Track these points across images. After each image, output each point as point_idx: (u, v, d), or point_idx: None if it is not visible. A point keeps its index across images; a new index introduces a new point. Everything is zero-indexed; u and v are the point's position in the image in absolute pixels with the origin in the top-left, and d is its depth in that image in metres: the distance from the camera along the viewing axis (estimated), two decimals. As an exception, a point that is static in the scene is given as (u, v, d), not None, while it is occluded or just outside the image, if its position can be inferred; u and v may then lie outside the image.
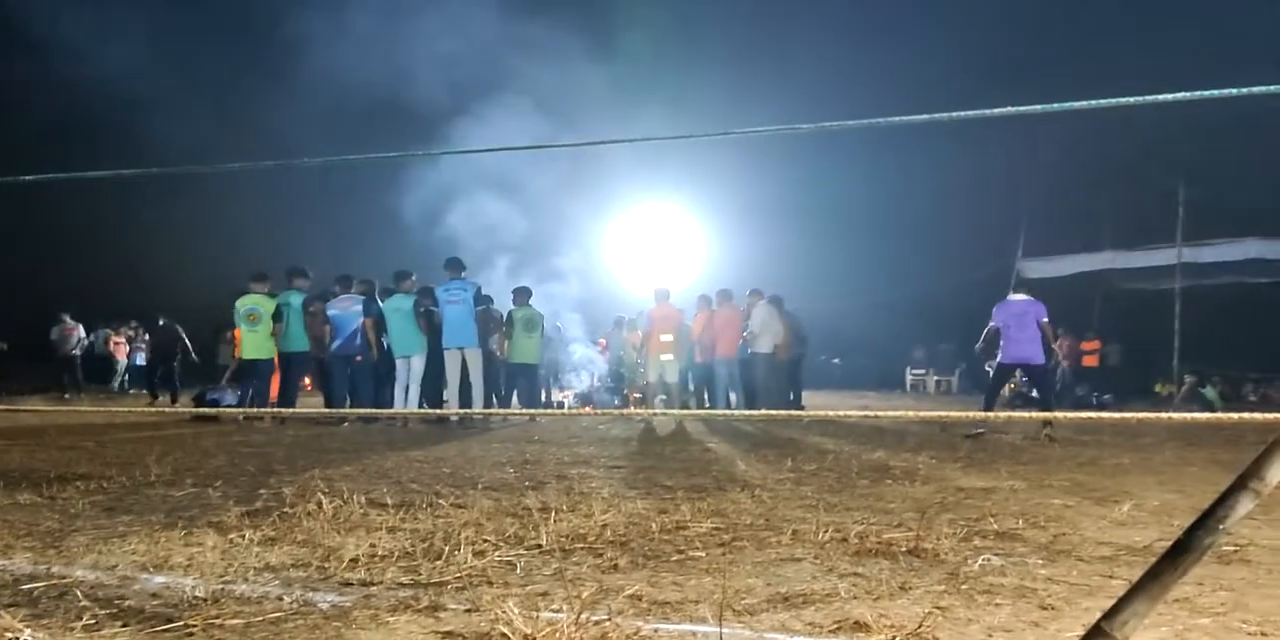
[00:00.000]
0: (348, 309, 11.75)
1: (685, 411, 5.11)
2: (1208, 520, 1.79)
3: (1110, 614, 1.81)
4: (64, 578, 3.30)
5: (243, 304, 11.43)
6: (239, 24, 22.88)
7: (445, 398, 11.90)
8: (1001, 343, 10.58)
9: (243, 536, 3.96)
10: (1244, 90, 1.87)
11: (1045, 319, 10.37)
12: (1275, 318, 20.48)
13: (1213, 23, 21.51)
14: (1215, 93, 1.90)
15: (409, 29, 19.96)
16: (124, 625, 2.74)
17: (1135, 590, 1.80)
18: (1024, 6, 24.85)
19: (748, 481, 5.96)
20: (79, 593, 3.07)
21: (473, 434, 10.08)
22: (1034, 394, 12.41)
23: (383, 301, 11.84)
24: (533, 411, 7.60)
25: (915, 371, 25.18)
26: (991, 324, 10.63)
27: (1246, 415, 1.77)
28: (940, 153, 22.96)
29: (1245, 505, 1.79)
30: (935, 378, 24.71)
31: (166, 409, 8.51)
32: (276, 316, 11.33)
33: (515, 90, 18.73)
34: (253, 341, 11.43)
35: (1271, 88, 1.80)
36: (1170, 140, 20.82)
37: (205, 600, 3.00)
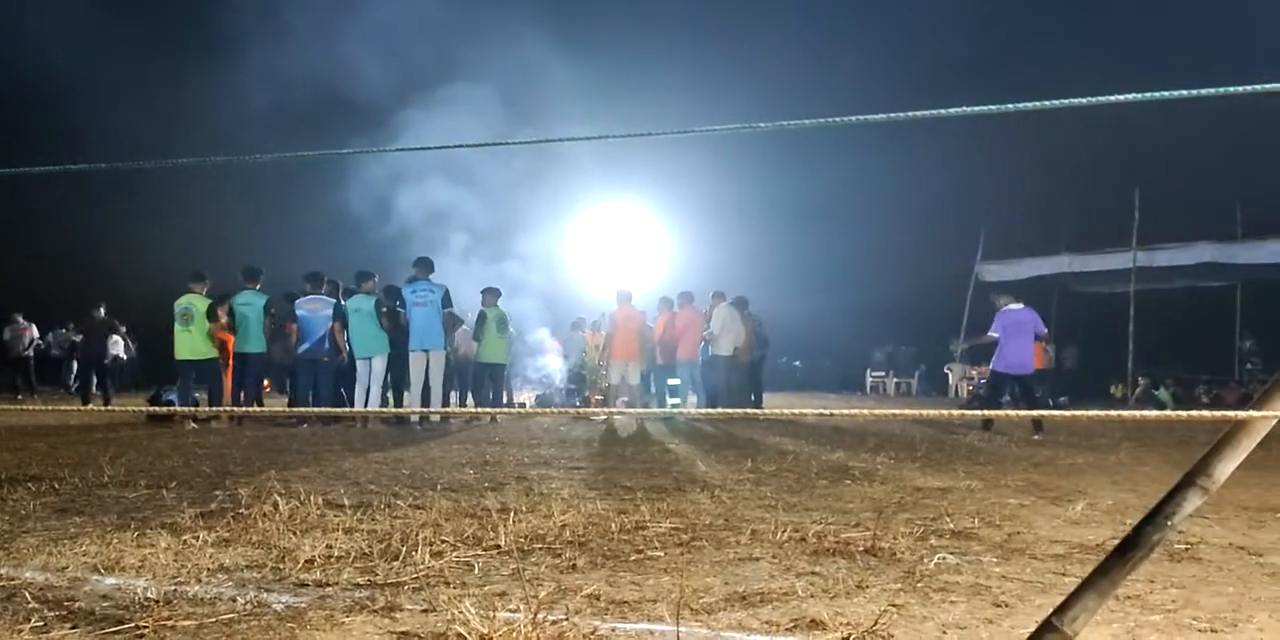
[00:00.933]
0: (317, 311, 11.62)
1: (645, 410, 5.09)
2: (1156, 517, 1.82)
3: (1061, 609, 1.83)
4: (13, 579, 3.24)
5: (178, 304, 11.24)
6: (181, 15, 22.46)
7: (406, 400, 11.83)
8: (997, 351, 10.82)
9: (196, 538, 3.91)
10: (1242, 89, 1.89)
11: (1044, 330, 10.93)
12: (1227, 320, 20.87)
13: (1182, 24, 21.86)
14: (1216, 90, 1.92)
15: (360, 19, 19.67)
16: (73, 627, 2.70)
17: (1085, 586, 1.83)
18: (995, 7, 25.16)
19: (707, 482, 5.97)
20: (28, 594, 3.02)
21: (432, 435, 10.02)
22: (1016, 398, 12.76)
23: (344, 301, 11.73)
24: (491, 410, 7.57)
25: (875, 373, 25.35)
26: (992, 333, 10.93)
27: (1195, 413, 1.80)
28: (902, 156, 23.17)
29: (1193, 502, 1.81)
30: (895, 380, 24.89)
31: (117, 409, 8.32)
32: (212, 316, 11.11)
33: (475, 85, 18.62)
34: (185, 341, 11.19)
35: (1269, 86, 1.82)
36: (1126, 146, 21.15)
37: (157, 601, 2.96)
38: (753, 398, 14.35)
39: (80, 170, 2.43)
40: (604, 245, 20.70)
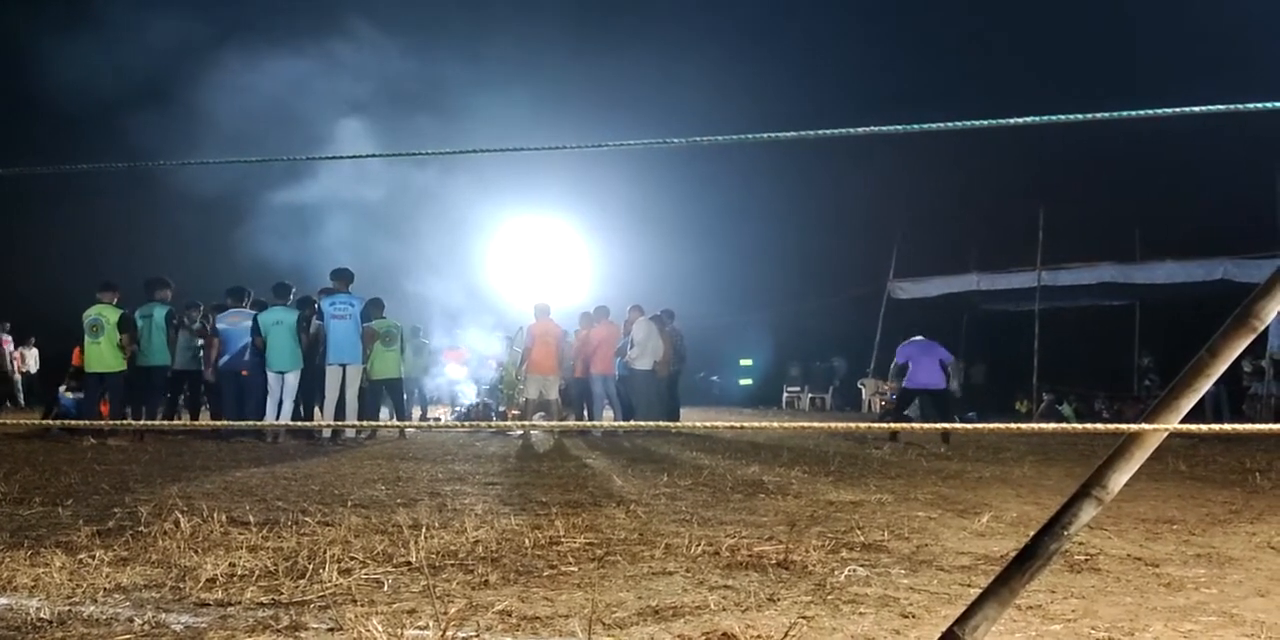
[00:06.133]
0: (238, 324, 11.36)
1: (560, 423, 5.06)
2: (1054, 527, 1.86)
3: (963, 619, 1.87)
4: (-109, 602, 3.09)
5: (87, 315, 10.89)
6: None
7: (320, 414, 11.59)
8: (909, 373, 11.76)
9: (93, 556, 3.78)
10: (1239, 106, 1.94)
11: (950, 358, 11.88)
12: (1126, 338, 21.59)
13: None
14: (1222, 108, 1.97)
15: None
16: (-44, 651, 2.59)
17: (986, 595, 1.87)
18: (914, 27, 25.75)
19: (623, 497, 5.96)
20: (-93, 618, 2.88)
21: (344, 450, 9.84)
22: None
23: (259, 314, 11.45)
24: (402, 424, 7.45)
25: (790, 389, 25.58)
26: (899, 361, 11.98)
27: (1091, 426, 1.85)
28: (815, 174, 23.54)
29: (1089, 512, 1.87)
30: (810, 395, 25.15)
31: (9, 422, 7.98)
32: (123, 327, 10.77)
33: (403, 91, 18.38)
34: (94, 353, 10.83)
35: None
36: (1032, 168, 21.81)
37: (51, 622, 2.86)
38: (669, 413, 14.37)
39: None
40: (523, 258, 20.57)
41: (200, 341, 11.84)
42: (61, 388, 12.00)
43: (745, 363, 27.67)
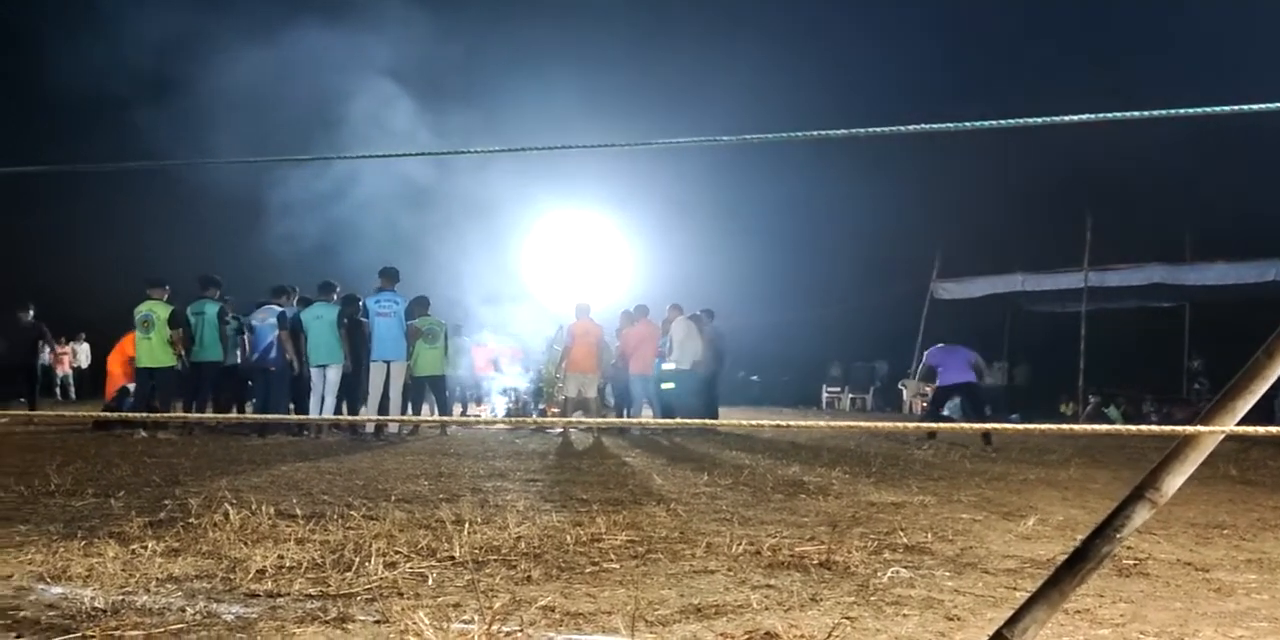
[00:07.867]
0: (265, 320, 11.56)
1: (600, 420, 5.06)
2: (1106, 529, 1.85)
3: (1012, 621, 1.86)
4: (-48, 589, 3.17)
5: (138, 311, 11.08)
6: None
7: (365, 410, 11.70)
8: (940, 373, 11.91)
9: (145, 547, 3.85)
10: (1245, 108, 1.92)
11: (975, 356, 11.94)
12: (1176, 340, 21.26)
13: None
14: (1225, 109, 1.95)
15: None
16: (18, 636, 2.65)
17: (1036, 598, 1.85)
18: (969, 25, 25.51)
19: (664, 495, 5.97)
20: (-32, 604, 2.95)
21: (387, 446, 9.93)
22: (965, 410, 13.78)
23: (302, 310, 11.60)
24: (445, 419, 7.49)
25: (831, 389, 25.47)
26: (930, 363, 12.21)
27: (1144, 428, 1.83)
28: (860, 174, 23.37)
29: (1142, 515, 1.85)
30: (850, 395, 25.03)
31: (67, 414, 8.10)
32: (174, 323, 10.94)
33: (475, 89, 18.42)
34: (145, 349, 11.02)
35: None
36: (1080, 168, 21.52)
37: (104, 611, 2.91)
38: (708, 412, 14.34)
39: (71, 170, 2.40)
40: (563, 256, 20.56)
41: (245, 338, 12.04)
42: (131, 386, 12.09)
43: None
